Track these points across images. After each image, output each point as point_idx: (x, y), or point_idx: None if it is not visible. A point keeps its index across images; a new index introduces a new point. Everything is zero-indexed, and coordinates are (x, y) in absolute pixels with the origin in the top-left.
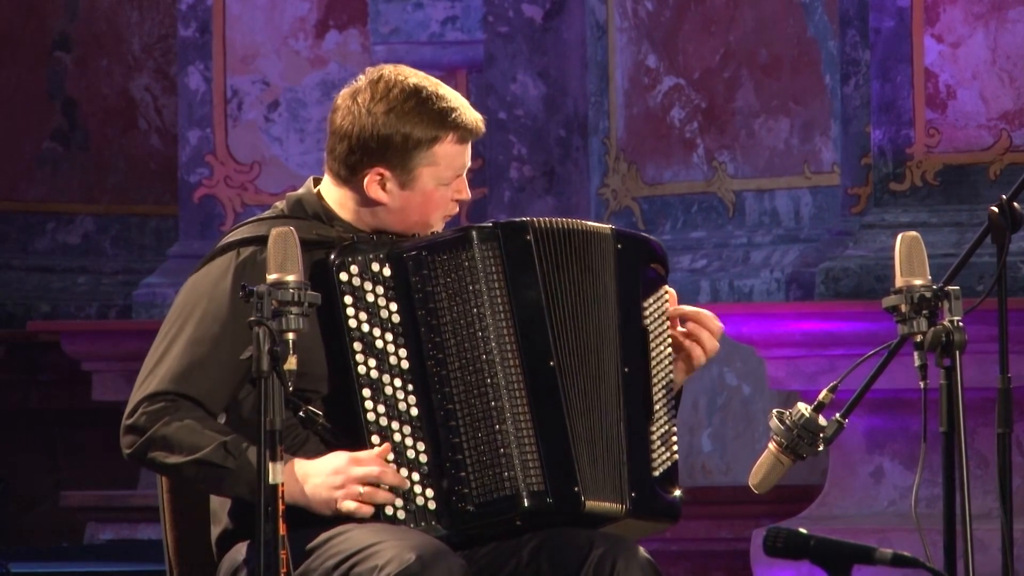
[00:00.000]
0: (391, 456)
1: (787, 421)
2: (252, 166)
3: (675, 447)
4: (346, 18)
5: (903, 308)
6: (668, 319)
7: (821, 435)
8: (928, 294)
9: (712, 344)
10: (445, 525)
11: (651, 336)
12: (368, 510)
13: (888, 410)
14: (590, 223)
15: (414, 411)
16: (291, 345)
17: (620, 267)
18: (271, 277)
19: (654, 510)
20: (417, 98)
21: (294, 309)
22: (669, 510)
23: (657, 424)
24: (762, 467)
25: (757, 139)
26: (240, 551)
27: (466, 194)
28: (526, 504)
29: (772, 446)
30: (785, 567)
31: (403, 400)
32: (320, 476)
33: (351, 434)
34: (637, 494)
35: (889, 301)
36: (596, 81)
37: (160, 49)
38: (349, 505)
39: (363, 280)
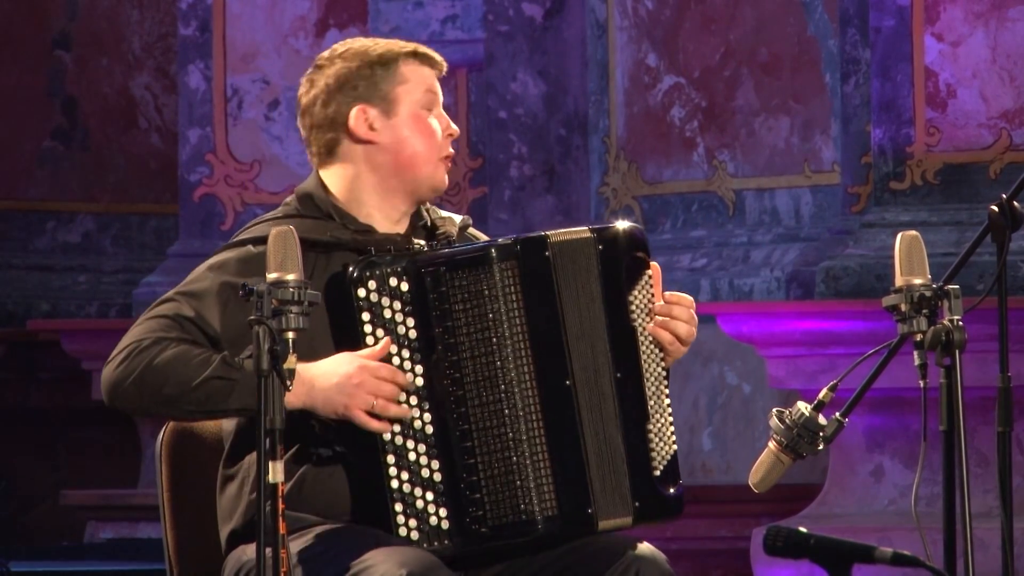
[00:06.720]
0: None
1: (787, 420)
2: (252, 165)
3: (672, 438)
4: (346, 17)
5: (903, 307)
6: (653, 303)
7: (821, 434)
8: (928, 293)
9: (687, 330)
10: (457, 544)
11: (639, 331)
12: (379, 425)
13: (888, 409)
14: (573, 229)
15: (429, 429)
16: (291, 344)
17: (603, 267)
18: (271, 276)
19: (658, 514)
20: (360, 43)
21: (294, 308)
22: (673, 508)
23: (654, 420)
24: (762, 466)
25: (757, 138)
26: (246, 551)
27: (455, 129)
28: (540, 529)
29: (772, 445)
30: (785, 566)
31: (418, 418)
32: (330, 378)
33: (364, 446)
34: (641, 503)
35: (889, 300)
36: (596, 80)
37: (160, 48)
38: (362, 416)
39: (380, 296)
